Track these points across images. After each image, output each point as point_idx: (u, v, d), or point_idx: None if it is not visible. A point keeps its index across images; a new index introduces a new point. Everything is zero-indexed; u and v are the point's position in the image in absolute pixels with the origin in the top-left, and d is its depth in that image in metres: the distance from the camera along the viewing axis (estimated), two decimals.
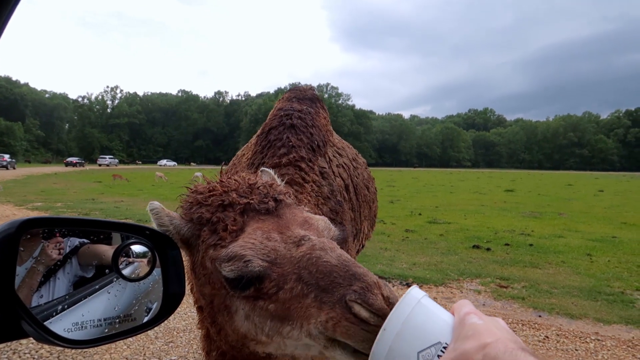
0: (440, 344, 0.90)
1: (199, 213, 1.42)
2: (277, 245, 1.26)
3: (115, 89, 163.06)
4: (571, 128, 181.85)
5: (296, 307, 1.16)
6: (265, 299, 1.22)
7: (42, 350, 4.93)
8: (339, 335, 1.07)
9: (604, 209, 22.56)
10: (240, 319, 1.30)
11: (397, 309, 0.93)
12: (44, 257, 1.13)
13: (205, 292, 1.41)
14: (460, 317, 0.93)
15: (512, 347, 0.80)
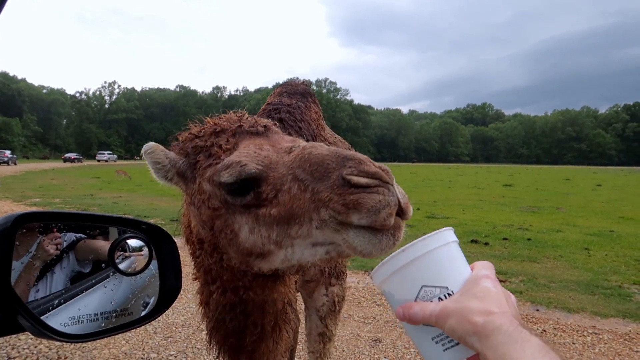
0: (447, 289, 0.91)
1: (194, 144, 1.49)
2: (270, 154, 1.33)
3: (113, 84, 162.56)
4: (569, 123, 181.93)
5: (299, 204, 1.19)
6: (267, 205, 1.25)
7: (41, 346, 4.94)
8: (349, 212, 1.09)
9: (602, 204, 22.60)
10: (244, 234, 1.32)
11: (423, 240, 0.94)
12: (40, 252, 1.13)
13: (205, 219, 1.43)
14: (477, 276, 0.92)
15: (516, 323, 0.79)
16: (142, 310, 1.23)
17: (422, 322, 0.90)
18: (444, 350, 0.90)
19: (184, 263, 4.66)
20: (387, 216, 1.09)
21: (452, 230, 0.99)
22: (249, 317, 1.56)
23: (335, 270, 2.50)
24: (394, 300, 0.97)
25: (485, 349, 0.78)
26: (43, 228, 1.15)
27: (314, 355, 2.61)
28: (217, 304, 1.57)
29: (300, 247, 1.25)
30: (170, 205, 18.53)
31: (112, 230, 1.24)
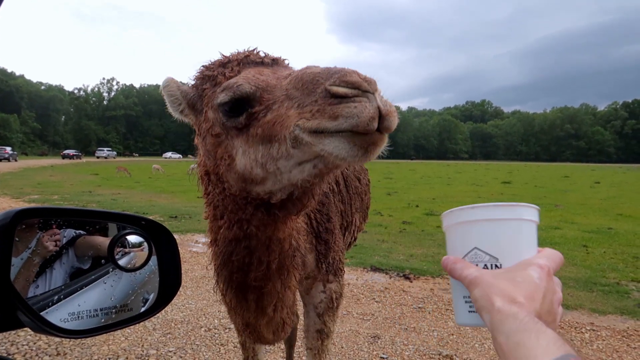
0: (497, 261, 0.92)
1: (203, 75, 1.55)
2: (268, 79, 1.34)
3: (112, 80, 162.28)
4: (568, 120, 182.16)
5: (281, 122, 1.20)
6: (256, 125, 1.27)
7: (40, 342, 4.94)
8: (326, 120, 1.09)
9: (600, 201, 22.63)
10: (239, 158, 1.35)
11: (497, 207, 0.94)
12: (40, 249, 1.13)
13: (209, 148, 1.50)
14: (531, 261, 0.91)
15: (533, 315, 0.79)
16: (141, 306, 1.23)
17: (458, 279, 0.92)
18: (469, 312, 0.93)
19: (183, 260, 4.65)
20: (368, 120, 1.05)
21: (536, 210, 0.99)
22: (253, 253, 1.58)
23: (333, 267, 2.49)
24: (449, 248, 1.00)
25: (496, 332, 0.78)
26: (42, 224, 1.15)
27: (312, 352, 2.61)
28: (224, 239, 1.59)
29: (286, 168, 1.26)
30: (169, 202, 18.54)
31: (111, 227, 1.24)
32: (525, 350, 0.73)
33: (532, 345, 0.73)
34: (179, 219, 13.77)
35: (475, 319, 0.92)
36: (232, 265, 1.64)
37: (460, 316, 0.96)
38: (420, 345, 5.25)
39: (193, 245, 10.43)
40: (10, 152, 66.48)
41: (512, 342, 0.75)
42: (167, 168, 46.16)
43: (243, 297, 1.74)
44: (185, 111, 1.63)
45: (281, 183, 1.33)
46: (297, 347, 4.65)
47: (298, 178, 1.29)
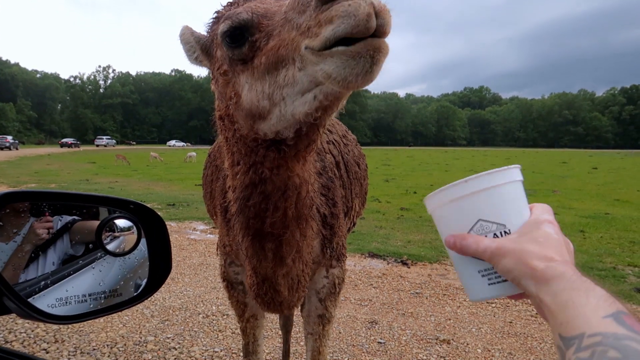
0: (505, 227, 0.90)
1: (214, 17, 1.57)
2: (269, 6, 1.33)
3: (108, 68, 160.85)
4: (566, 106, 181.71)
5: (284, 46, 1.18)
6: (259, 55, 1.26)
7: (38, 330, 4.95)
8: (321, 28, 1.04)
9: (597, 186, 22.69)
10: (245, 94, 1.35)
11: (490, 174, 0.92)
12: (32, 237, 1.10)
13: (220, 89, 1.51)
14: (538, 219, 0.90)
15: (579, 273, 0.77)
16: (132, 292, 1.21)
17: (473, 254, 0.90)
18: (488, 285, 0.91)
19: (181, 248, 4.66)
20: (366, 17, 0.99)
21: (519, 169, 0.97)
22: (269, 199, 1.57)
23: (337, 252, 2.49)
24: (445, 227, 0.97)
25: (542, 294, 0.77)
26: (34, 210, 1.12)
27: (313, 337, 2.60)
28: (241, 184, 1.59)
29: (291, 98, 1.23)
30: (166, 190, 18.51)
31: (102, 212, 1.22)
32: (574, 309, 0.71)
33: (582, 303, 0.71)
34: (176, 207, 13.75)
35: (496, 291, 0.91)
36: (248, 211, 1.63)
37: (477, 292, 0.94)
38: (417, 330, 5.27)
39: (191, 232, 10.43)
40: (12, 140, 67.29)
41: (560, 302, 0.73)
42: (164, 156, 46.02)
43: (260, 246, 1.72)
44: (200, 57, 1.63)
45: (285, 119, 1.30)
46: (295, 332, 4.67)
47: (300, 111, 1.25)
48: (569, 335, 0.69)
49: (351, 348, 4.80)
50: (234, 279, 2.56)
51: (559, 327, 0.72)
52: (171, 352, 4.61)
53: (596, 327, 0.66)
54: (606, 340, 0.63)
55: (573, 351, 0.67)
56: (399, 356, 4.64)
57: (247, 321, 2.64)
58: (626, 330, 0.65)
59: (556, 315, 0.73)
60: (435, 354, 4.68)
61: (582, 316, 0.69)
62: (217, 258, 8.00)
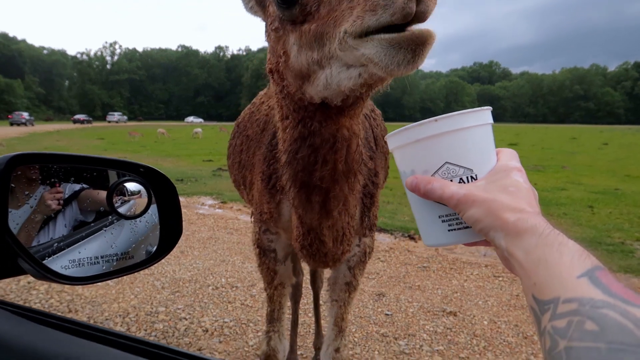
0: (472, 172, 0.86)
1: None
2: None
3: (114, 44, 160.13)
4: (577, 81, 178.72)
5: (334, 17, 1.15)
6: (309, 20, 1.24)
7: (52, 300, 5.06)
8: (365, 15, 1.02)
9: (607, 162, 22.48)
10: (294, 55, 1.33)
11: (462, 115, 0.87)
12: (42, 207, 1.11)
13: (272, 44, 1.49)
14: (507, 166, 0.87)
15: (551, 226, 0.74)
16: (144, 255, 1.23)
17: (438, 200, 0.86)
18: (448, 231, 0.88)
19: (190, 222, 4.70)
20: (403, 5, 0.96)
21: (490, 111, 0.93)
22: (318, 152, 1.56)
23: (371, 222, 2.50)
24: (407, 167, 0.92)
25: (512, 248, 0.74)
26: (44, 178, 1.13)
27: (338, 303, 2.63)
28: (290, 138, 1.59)
29: (337, 69, 1.22)
30: (174, 165, 18.59)
31: (111, 177, 1.22)
32: (547, 268, 0.67)
33: (555, 262, 0.67)
34: (185, 182, 13.83)
35: (455, 237, 0.88)
36: (297, 164, 1.62)
37: (435, 237, 0.91)
38: (424, 302, 5.32)
39: (199, 207, 10.52)
40: (27, 117, 68.90)
41: (532, 259, 0.70)
42: (171, 132, 46.08)
43: (307, 198, 1.72)
44: (255, 7, 1.60)
45: (331, 87, 1.29)
46: (303, 304, 4.73)
47: (345, 84, 1.24)
48: (543, 298, 0.66)
49: (359, 319, 4.86)
50: (267, 247, 2.58)
51: (533, 287, 0.69)
52: (182, 322, 4.70)
53: (572, 290, 0.63)
54: (582, 308, 0.60)
55: (548, 318, 0.64)
56: (405, 327, 4.69)
57: (275, 288, 2.66)
58: (602, 293, 0.61)
59: (529, 275, 0.70)
60: (442, 326, 4.73)
61: (556, 277, 0.65)
62: (226, 231, 8.02)
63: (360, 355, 4.16)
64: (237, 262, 6.57)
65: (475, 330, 4.66)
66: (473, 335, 4.55)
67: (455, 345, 4.37)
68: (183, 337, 4.41)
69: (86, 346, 0.73)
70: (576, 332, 0.59)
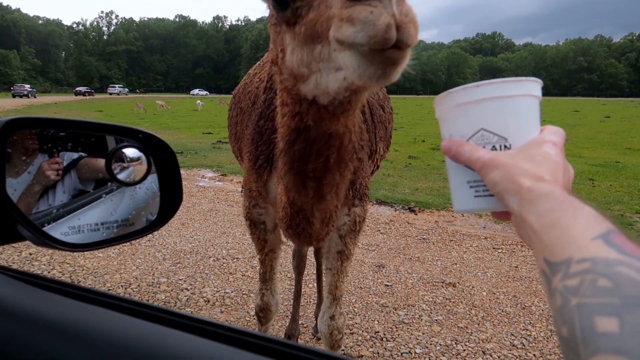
0: (506, 141, 0.86)
1: None
2: None
3: (111, 14, 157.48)
4: (581, 52, 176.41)
5: (320, 22, 1.16)
6: (301, 23, 1.24)
7: (54, 272, 5.10)
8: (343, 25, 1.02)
9: (609, 135, 22.38)
10: (289, 54, 1.35)
11: (504, 83, 0.87)
12: (41, 178, 1.10)
13: (273, 37, 1.52)
14: (543, 139, 0.85)
15: (567, 193, 0.72)
16: (145, 223, 1.22)
17: (466, 163, 0.86)
18: (474, 197, 0.88)
19: (190, 194, 4.72)
20: (384, 29, 0.96)
21: (540, 85, 0.92)
22: (313, 145, 1.60)
23: (359, 193, 2.52)
24: (446, 131, 0.93)
25: (526, 213, 0.73)
26: (41, 145, 1.11)
27: (332, 272, 2.70)
28: (287, 127, 1.63)
29: (326, 72, 1.24)
30: (174, 138, 18.51)
31: (110, 144, 1.20)
32: (561, 230, 0.66)
33: (569, 225, 0.66)
34: (184, 155, 13.79)
35: (481, 204, 0.88)
36: (293, 154, 1.66)
37: (462, 203, 0.91)
38: (424, 273, 5.37)
39: (199, 180, 10.51)
40: (29, 89, 69.56)
41: (545, 222, 0.69)
42: (171, 104, 45.74)
43: (302, 184, 1.78)
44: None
45: (321, 88, 1.31)
46: (305, 275, 4.77)
47: (332, 87, 1.26)
48: (555, 260, 0.64)
49: (359, 290, 4.91)
50: (257, 219, 2.73)
51: (544, 250, 0.67)
52: (183, 292, 4.75)
53: (585, 251, 0.61)
54: (596, 267, 0.58)
55: (560, 278, 0.62)
56: (405, 298, 4.75)
57: (266, 254, 2.86)
58: (617, 253, 0.59)
59: (541, 238, 0.69)
60: (441, 296, 4.79)
61: (570, 238, 0.64)
62: (227, 204, 8.06)
63: (360, 324, 4.22)
64: (237, 234, 6.60)
65: (474, 300, 4.71)
66: (472, 306, 4.61)
67: (454, 315, 4.42)
68: (185, 307, 4.46)
69: (92, 311, 0.72)
70: (589, 289, 0.57)
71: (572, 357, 0.56)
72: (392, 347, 3.88)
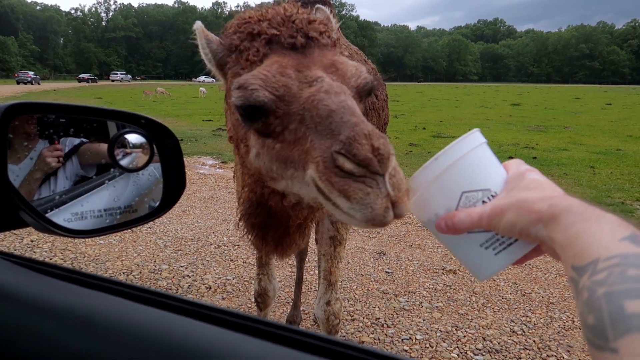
0: (490, 191, 0.85)
1: (231, 39, 1.41)
2: (290, 82, 1.21)
3: (109, 0, 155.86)
4: (584, 39, 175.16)
5: (297, 150, 1.15)
6: (273, 138, 1.22)
7: (56, 258, 5.11)
8: (335, 194, 1.03)
9: (610, 122, 22.31)
10: (253, 155, 1.33)
11: (456, 144, 0.87)
12: (42, 165, 1.09)
13: (233, 122, 1.45)
14: (519, 171, 0.87)
15: (592, 207, 0.71)
16: (147, 210, 1.21)
17: (469, 228, 0.83)
18: (495, 255, 0.85)
19: (190, 182, 4.70)
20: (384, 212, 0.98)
21: (480, 131, 0.92)
22: (273, 218, 1.60)
23: None
24: (429, 212, 0.90)
25: (553, 232, 0.71)
26: (42, 130, 1.10)
27: (325, 257, 2.71)
28: (247, 199, 1.61)
29: (298, 184, 1.22)
30: (174, 125, 18.45)
31: (112, 130, 1.19)
32: (587, 237, 0.66)
33: (594, 231, 0.66)
34: (185, 142, 13.76)
35: (505, 259, 0.85)
36: (252, 223, 1.66)
37: (487, 268, 0.87)
38: (424, 260, 5.39)
39: (200, 167, 10.51)
40: (33, 75, 70.82)
41: (570, 234, 0.68)
42: (171, 91, 45.53)
43: (263, 241, 1.76)
44: (214, 69, 1.52)
45: (291, 190, 1.29)
46: (307, 262, 4.78)
47: (305, 194, 1.24)
48: (582, 263, 0.64)
49: (360, 277, 4.94)
50: None
51: (572, 259, 0.67)
52: (185, 279, 4.77)
53: (613, 249, 0.61)
54: (625, 260, 0.59)
55: (588, 276, 0.62)
56: (406, 285, 4.77)
57: None
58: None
59: (568, 249, 0.68)
60: (441, 283, 4.81)
61: (596, 243, 0.64)
62: (227, 191, 8.02)
63: (361, 311, 4.24)
64: None
65: (474, 287, 4.73)
66: (472, 293, 4.63)
67: (454, 302, 4.45)
68: (187, 293, 4.49)
69: (98, 297, 0.72)
70: (618, 277, 0.58)
71: (598, 342, 0.56)
72: (392, 333, 3.91)
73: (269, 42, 1.32)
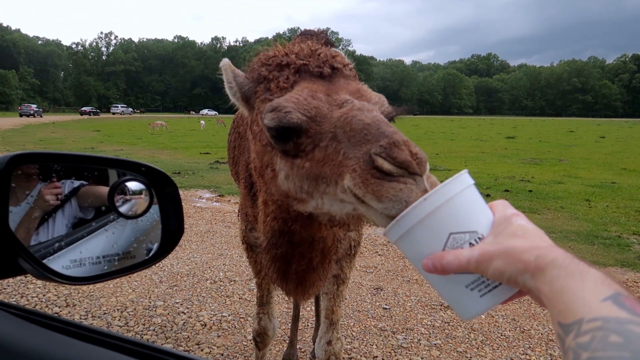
0: (477, 233, 0.87)
1: (259, 72, 1.48)
2: (321, 104, 1.27)
3: (110, 35, 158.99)
4: (575, 73, 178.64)
5: (329, 165, 1.18)
6: (302, 157, 1.25)
7: (49, 294, 5.04)
8: (368, 195, 1.05)
9: (604, 155, 22.52)
10: (281, 178, 1.35)
11: (445, 186, 0.89)
12: (41, 202, 1.10)
13: (258, 150, 1.49)
14: (506, 215, 0.88)
15: (571, 255, 0.74)
16: (145, 254, 1.22)
17: (456, 270, 0.85)
18: (481, 296, 0.87)
19: (187, 215, 4.68)
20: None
21: (468, 172, 0.94)
22: (296, 248, 1.62)
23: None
24: (416, 253, 0.90)
25: (539, 284, 0.74)
26: (42, 174, 1.12)
27: (328, 296, 2.70)
28: (270, 228, 1.63)
29: (330, 200, 1.25)
30: (171, 158, 18.54)
31: (112, 175, 1.21)
32: (571, 294, 0.68)
33: (577, 288, 0.68)
34: (182, 175, 13.79)
35: (490, 301, 0.86)
36: (275, 254, 1.68)
37: (471, 308, 0.89)
38: (422, 296, 5.34)
39: (197, 200, 10.49)
40: (36, 108, 72.64)
41: (556, 288, 0.71)
42: (169, 124, 45.90)
43: (284, 277, 1.79)
44: (239, 102, 1.58)
45: (321, 210, 1.32)
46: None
47: (337, 212, 1.28)
48: (568, 322, 0.67)
49: (357, 313, 4.88)
50: (254, 243, 2.71)
51: (558, 315, 0.69)
52: (180, 316, 4.70)
53: (596, 311, 0.64)
54: (607, 324, 0.61)
55: (572, 337, 0.64)
56: (403, 321, 4.71)
57: (263, 278, 2.83)
58: (628, 313, 0.61)
59: (554, 304, 0.70)
60: (439, 320, 4.75)
61: (580, 301, 0.67)
62: (224, 225, 8.01)
63: (358, 349, 4.17)
64: (234, 256, 6.57)
65: (472, 324, 4.68)
66: (471, 330, 4.57)
67: (453, 339, 4.39)
68: (181, 331, 4.41)
69: (91, 350, 0.73)
70: (600, 344, 0.59)
71: None
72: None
73: (298, 71, 1.41)
